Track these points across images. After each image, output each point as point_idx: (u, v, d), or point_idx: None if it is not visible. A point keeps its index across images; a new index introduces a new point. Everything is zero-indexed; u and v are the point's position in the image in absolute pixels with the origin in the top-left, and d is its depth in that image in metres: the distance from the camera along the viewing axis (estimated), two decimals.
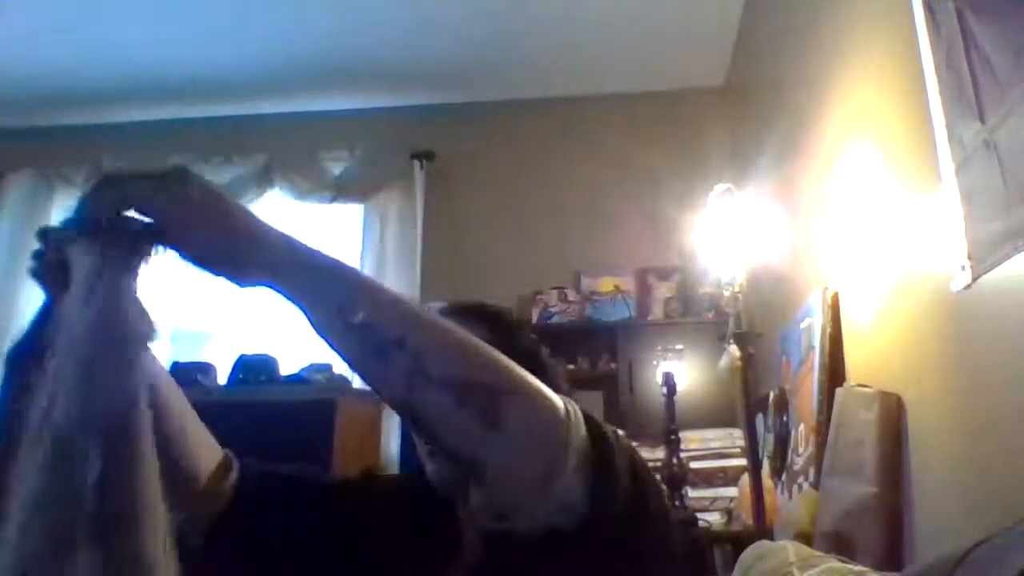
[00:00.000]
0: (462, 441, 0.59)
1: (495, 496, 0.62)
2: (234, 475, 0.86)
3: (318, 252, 0.62)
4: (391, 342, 0.58)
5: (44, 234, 0.66)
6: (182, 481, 0.78)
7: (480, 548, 0.76)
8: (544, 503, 0.60)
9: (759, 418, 2.43)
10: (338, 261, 0.62)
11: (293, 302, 0.61)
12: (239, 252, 0.60)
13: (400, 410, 0.61)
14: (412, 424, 0.62)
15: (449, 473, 0.79)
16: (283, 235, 0.62)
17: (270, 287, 0.61)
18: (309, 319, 0.60)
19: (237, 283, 0.61)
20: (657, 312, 3.61)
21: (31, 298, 3.95)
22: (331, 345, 0.61)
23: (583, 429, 0.62)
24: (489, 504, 0.63)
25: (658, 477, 0.79)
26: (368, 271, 3.73)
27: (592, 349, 3.49)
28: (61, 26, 3.43)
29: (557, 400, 0.62)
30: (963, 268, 1.15)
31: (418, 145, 3.94)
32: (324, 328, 0.60)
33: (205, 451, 0.85)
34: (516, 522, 0.61)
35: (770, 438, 2.32)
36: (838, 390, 1.72)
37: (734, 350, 2.06)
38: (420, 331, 0.60)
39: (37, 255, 0.68)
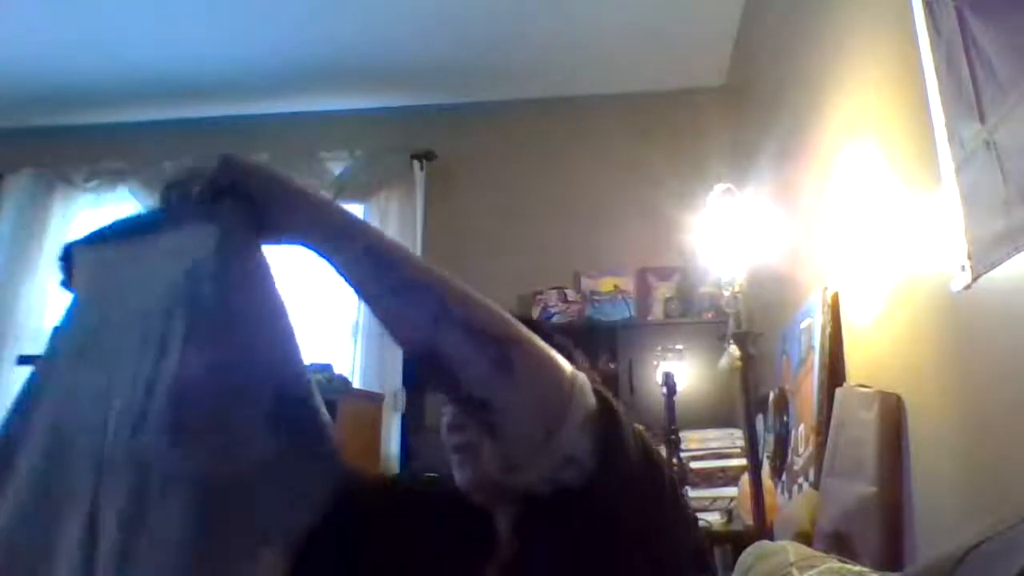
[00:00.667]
0: (476, 383, 0.63)
1: (505, 444, 0.65)
2: None
3: (346, 210, 0.69)
4: (419, 284, 0.63)
5: (66, 248, 0.76)
6: None
7: (513, 542, 0.79)
8: (549, 454, 0.63)
9: (759, 418, 2.43)
10: (365, 222, 0.70)
11: (321, 250, 0.65)
12: (291, 202, 0.66)
13: (420, 351, 0.64)
14: (429, 370, 0.65)
15: (477, 476, 0.82)
16: (312, 191, 0.69)
17: (301, 241, 0.66)
18: (336, 262, 0.65)
19: (276, 236, 0.67)
20: (657, 312, 3.61)
21: (31, 298, 3.95)
22: (357, 288, 0.65)
23: (590, 396, 0.66)
24: (500, 454, 0.67)
25: None
26: None
27: (592, 349, 3.47)
28: (61, 26, 3.43)
29: (564, 362, 0.67)
30: (963, 268, 1.15)
31: (418, 145, 3.94)
32: (352, 270, 0.65)
33: None
34: (525, 473, 0.65)
35: (770, 438, 2.32)
36: (838, 390, 1.72)
37: (734, 350, 2.06)
38: (444, 281, 0.65)
39: (62, 266, 0.76)
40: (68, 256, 0.79)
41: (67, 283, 0.81)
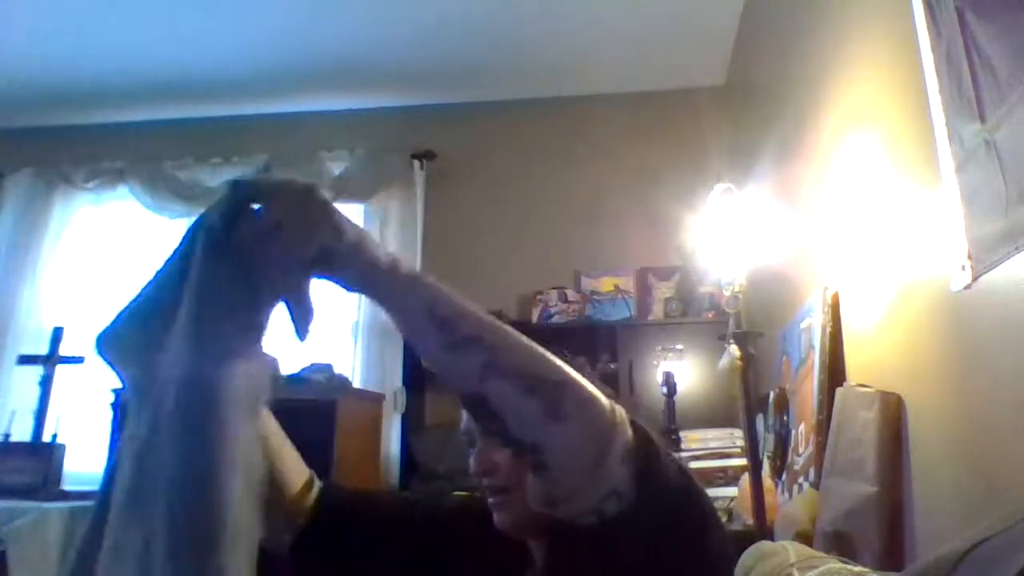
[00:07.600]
0: (527, 428, 0.65)
1: (553, 481, 0.67)
2: (314, 492, 0.92)
3: (397, 259, 0.67)
4: (469, 337, 0.64)
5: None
6: (272, 500, 0.81)
7: (549, 566, 0.84)
8: (594, 487, 0.66)
9: (759, 418, 2.43)
10: (414, 269, 0.68)
11: (381, 303, 0.66)
12: (345, 253, 0.64)
13: (471, 401, 0.66)
14: (481, 416, 0.67)
15: (513, 519, 0.87)
16: (371, 240, 0.67)
17: (355, 288, 0.66)
18: (396, 319, 0.66)
19: (332, 280, 0.67)
20: (657, 312, 3.61)
21: (31, 298, 3.95)
22: (414, 341, 0.66)
23: (629, 429, 0.68)
24: (545, 489, 0.68)
25: None
26: None
27: (592, 349, 3.48)
28: (61, 26, 3.43)
29: (603, 397, 0.69)
30: (963, 268, 1.15)
31: (418, 145, 3.94)
32: (410, 327, 0.66)
33: (296, 469, 0.91)
34: (569, 506, 0.67)
35: (770, 438, 2.32)
36: (838, 390, 1.72)
37: (734, 350, 2.06)
38: (492, 331, 0.66)
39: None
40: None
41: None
